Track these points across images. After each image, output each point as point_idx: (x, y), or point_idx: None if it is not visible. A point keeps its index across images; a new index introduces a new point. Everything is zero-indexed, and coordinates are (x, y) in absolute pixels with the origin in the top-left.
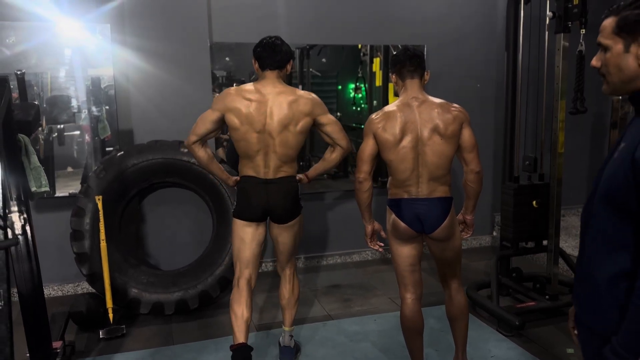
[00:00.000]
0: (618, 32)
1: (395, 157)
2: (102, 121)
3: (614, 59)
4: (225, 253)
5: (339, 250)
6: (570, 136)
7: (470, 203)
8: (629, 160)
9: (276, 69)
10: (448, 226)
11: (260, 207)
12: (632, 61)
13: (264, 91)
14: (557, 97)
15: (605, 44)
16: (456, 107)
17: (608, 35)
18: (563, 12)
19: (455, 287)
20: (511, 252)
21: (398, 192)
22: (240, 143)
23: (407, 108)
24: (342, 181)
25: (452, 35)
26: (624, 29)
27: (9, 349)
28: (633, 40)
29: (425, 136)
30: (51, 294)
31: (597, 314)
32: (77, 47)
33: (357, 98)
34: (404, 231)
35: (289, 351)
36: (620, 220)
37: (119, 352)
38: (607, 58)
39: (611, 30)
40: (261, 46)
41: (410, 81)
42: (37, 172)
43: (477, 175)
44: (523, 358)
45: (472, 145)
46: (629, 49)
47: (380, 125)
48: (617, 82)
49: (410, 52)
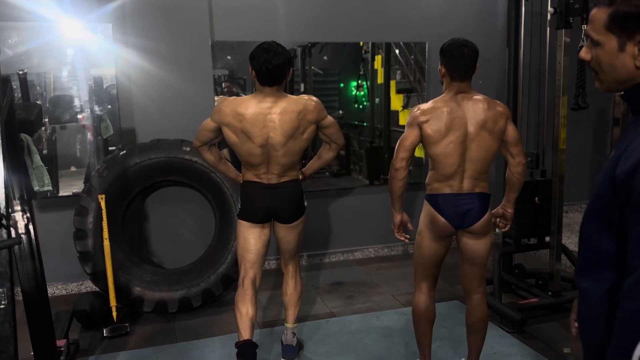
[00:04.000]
0: (611, 27)
1: (441, 151)
2: (104, 120)
3: (607, 58)
4: (228, 251)
5: (342, 248)
6: (572, 132)
7: (513, 196)
8: (612, 175)
9: (275, 85)
10: (486, 221)
11: (265, 209)
12: (628, 61)
13: (265, 105)
14: (559, 93)
15: (597, 40)
16: (500, 104)
17: (599, 30)
18: (564, 8)
19: (479, 298)
20: (513, 248)
21: (440, 187)
22: (241, 154)
23: (454, 103)
24: (344, 179)
25: (454, 32)
26: (619, 25)
27: (13, 347)
28: (629, 38)
29: (473, 132)
30: (55, 292)
31: (589, 329)
32: (79, 47)
33: (359, 96)
34: (442, 226)
35: (292, 349)
36: (609, 233)
37: (122, 351)
38: (599, 55)
39: (603, 25)
40: (259, 60)
41: (460, 81)
42: (40, 171)
43: (524, 166)
44: (525, 354)
45: (517, 139)
46: (625, 48)
47: (426, 118)
48: (611, 82)
49: (467, 49)
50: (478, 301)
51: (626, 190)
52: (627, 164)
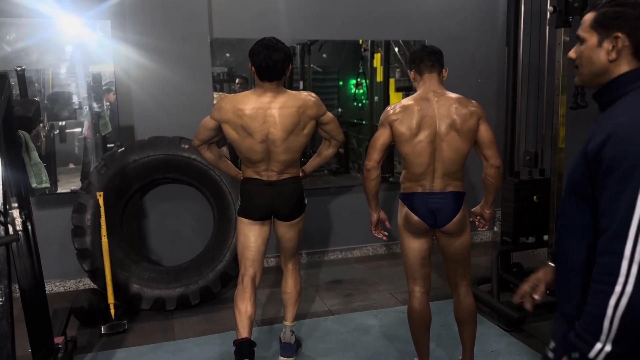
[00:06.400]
0: (595, 26)
1: (411, 150)
2: (103, 117)
3: (587, 51)
4: (226, 249)
5: (340, 246)
6: (571, 131)
7: (490, 197)
8: (584, 152)
9: (275, 80)
10: (459, 220)
11: (266, 207)
12: (602, 55)
13: (265, 100)
14: (558, 92)
15: (582, 37)
16: (473, 103)
17: (586, 29)
18: (564, 6)
19: (464, 290)
20: (512, 247)
21: (412, 186)
22: (241, 151)
23: (425, 102)
24: (343, 177)
25: (453, 30)
26: (600, 24)
27: (11, 344)
28: (607, 35)
29: (442, 131)
30: (53, 290)
31: (566, 299)
32: (77, 44)
33: (358, 94)
34: (417, 225)
35: (290, 347)
36: (585, 208)
37: (120, 348)
38: (582, 50)
39: (589, 24)
40: (259, 56)
41: (428, 75)
42: (38, 168)
43: (498, 170)
44: (523, 353)
45: (490, 140)
46: (602, 43)
47: (397, 117)
48: (588, 74)
49: (429, 48)
50: (464, 294)
51: (596, 164)
52: (597, 140)
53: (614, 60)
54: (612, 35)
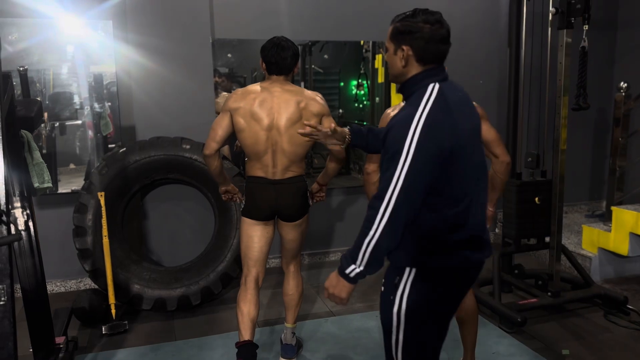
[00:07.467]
0: (392, 38)
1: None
2: (104, 118)
3: (389, 58)
4: (227, 249)
5: (342, 247)
6: (572, 133)
7: (494, 195)
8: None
9: (283, 75)
10: None
11: (269, 206)
12: (398, 61)
13: (272, 89)
14: (560, 93)
15: (386, 46)
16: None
17: (387, 39)
18: (566, 8)
19: None
20: (513, 248)
21: None
22: (248, 142)
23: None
24: (344, 178)
25: (455, 31)
26: (393, 37)
27: (12, 344)
28: (398, 46)
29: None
30: (54, 289)
31: None
32: (79, 44)
33: (360, 95)
34: None
35: (291, 348)
36: None
37: (121, 348)
38: (387, 56)
39: (388, 36)
40: (269, 52)
41: None
42: (40, 168)
43: (508, 166)
44: (525, 354)
45: (496, 138)
46: (396, 52)
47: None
48: (392, 74)
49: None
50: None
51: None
52: (385, 129)
53: (404, 65)
54: (400, 46)
